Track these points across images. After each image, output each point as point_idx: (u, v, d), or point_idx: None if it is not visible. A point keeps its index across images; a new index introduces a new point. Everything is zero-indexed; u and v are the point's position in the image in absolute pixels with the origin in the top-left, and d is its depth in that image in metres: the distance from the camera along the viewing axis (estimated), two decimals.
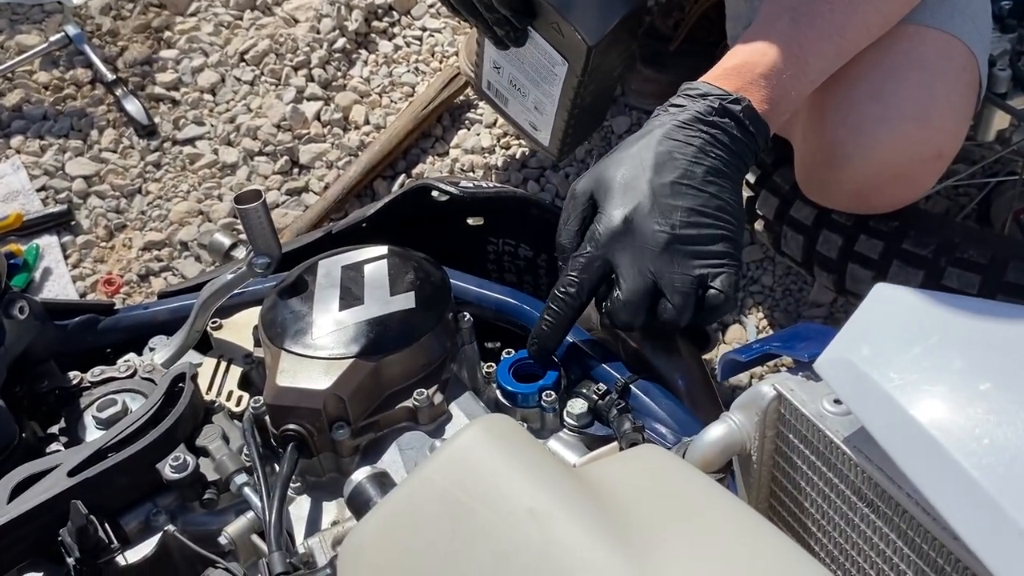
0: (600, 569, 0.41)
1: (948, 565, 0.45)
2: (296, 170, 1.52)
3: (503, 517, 0.43)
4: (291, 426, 0.66)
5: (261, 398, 0.68)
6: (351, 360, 0.67)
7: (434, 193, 0.91)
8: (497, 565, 0.42)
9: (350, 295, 0.72)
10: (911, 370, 0.45)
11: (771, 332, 1.34)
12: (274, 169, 1.52)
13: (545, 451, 0.48)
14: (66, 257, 1.42)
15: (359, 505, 0.54)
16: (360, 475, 0.55)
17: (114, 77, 1.60)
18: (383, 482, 0.55)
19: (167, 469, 0.66)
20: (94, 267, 1.42)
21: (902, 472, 0.44)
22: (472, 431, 0.47)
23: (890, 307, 0.49)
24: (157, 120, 1.58)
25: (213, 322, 0.81)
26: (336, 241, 0.92)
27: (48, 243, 1.43)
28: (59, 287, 1.38)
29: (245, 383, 0.78)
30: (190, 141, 1.56)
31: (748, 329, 1.35)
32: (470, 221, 0.95)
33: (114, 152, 1.55)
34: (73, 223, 1.46)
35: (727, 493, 0.47)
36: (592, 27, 1.00)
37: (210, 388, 0.77)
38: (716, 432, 0.57)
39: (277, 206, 1.47)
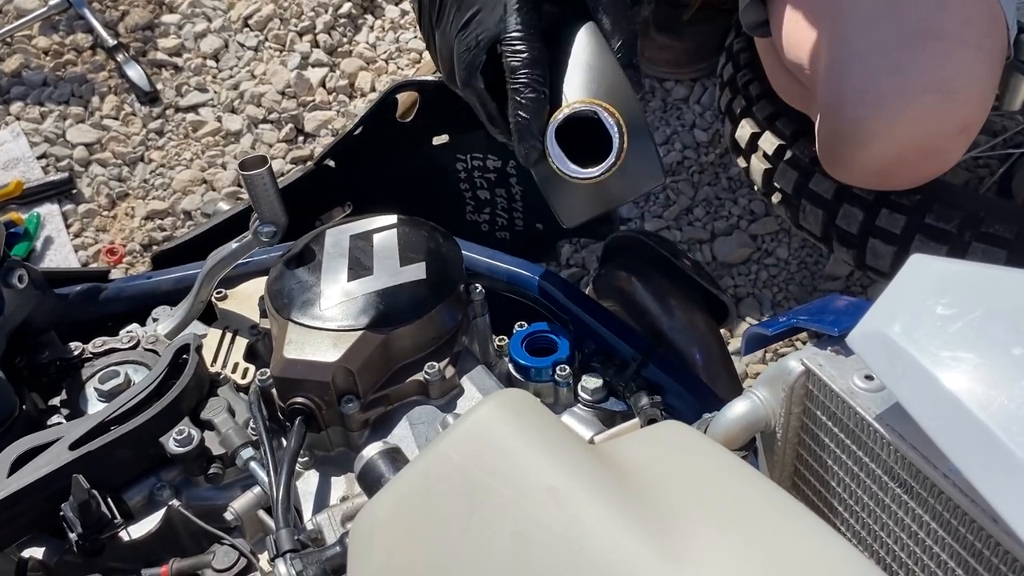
0: (625, 551, 0.39)
1: (987, 549, 0.43)
2: (301, 138, 1.50)
3: (522, 495, 0.42)
4: (299, 399, 0.65)
5: (268, 370, 0.67)
6: (360, 332, 0.65)
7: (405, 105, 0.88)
8: (516, 545, 0.41)
9: (359, 265, 0.70)
10: (952, 345, 0.43)
11: (786, 306, 1.33)
12: (279, 137, 1.49)
13: (564, 427, 0.46)
14: (67, 226, 1.40)
15: (371, 482, 0.53)
16: (371, 451, 0.54)
17: (115, 42, 1.57)
18: (395, 458, 0.54)
19: (171, 443, 0.65)
20: (96, 236, 1.40)
21: (940, 451, 0.42)
22: (489, 405, 0.45)
23: (928, 278, 0.46)
24: (159, 87, 1.55)
25: (218, 292, 0.80)
26: (322, 172, 0.91)
27: (49, 212, 1.41)
28: (60, 256, 1.37)
29: (250, 355, 0.76)
30: (193, 108, 1.54)
31: (763, 303, 1.33)
32: (435, 141, 0.93)
33: (116, 119, 1.52)
34: (74, 191, 1.44)
35: (755, 472, 0.45)
36: None
37: (215, 360, 0.75)
38: (740, 408, 0.55)
39: (282, 175, 1.45)
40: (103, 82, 1.56)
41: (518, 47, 0.62)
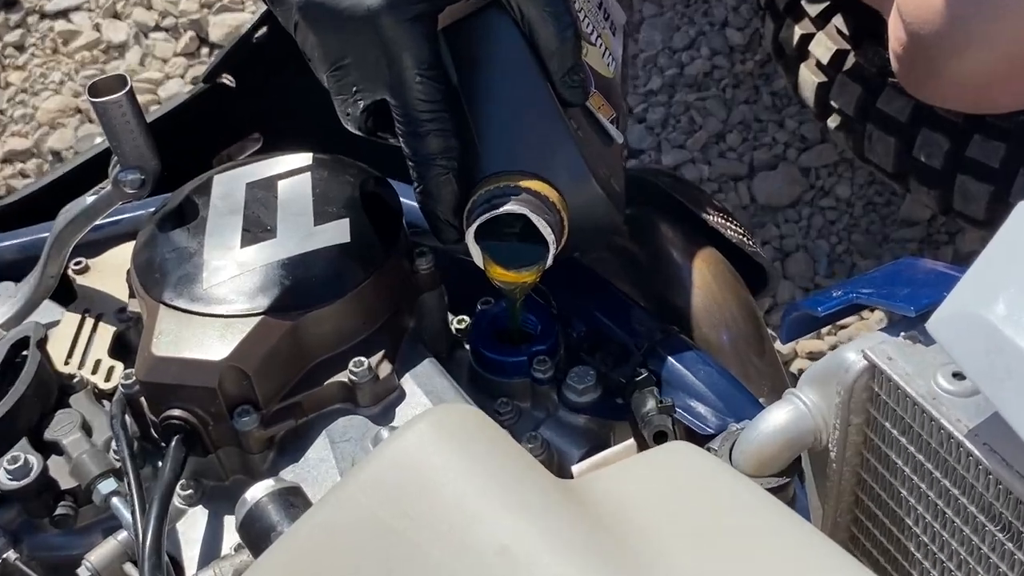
0: None
1: None
2: (205, 50, 1.47)
3: (463, 560, 0.39)
4: (175, 412, 0.61)
5: (134, 372, 0.63)
6: (258, 318, 0.62)
7: None
8: None
9: (258, 225, 0.67)
10: None
11: (848, 261, 1.31)
12: (176, 49, 1.46)
13: (526, 459, 0.42)
14: None
15: (255, 536, 0.49)
16: (259, 492, 0.50)
17: None
18: (292, 502, 0.50)
19: (1, 475, 0.61)
20: None
21: None
22: (417, 431, 0.42)
23: None
24: None
25: (76, 263, 0.76)
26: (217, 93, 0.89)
27: None
28: None
29: (119, 348, 0.72)
30: (63, 14, 1.50)
31: (818, 259, 1.31)
32: None
33: None
34: None
35: (795, 517, 0.42)
36: None
37: (70, 356, 0.71)
38: (779, 417, 0.52)
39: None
40: None
41: (415, 130, 0.59)
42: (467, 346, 0.71)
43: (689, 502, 0.42)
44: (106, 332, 0.73)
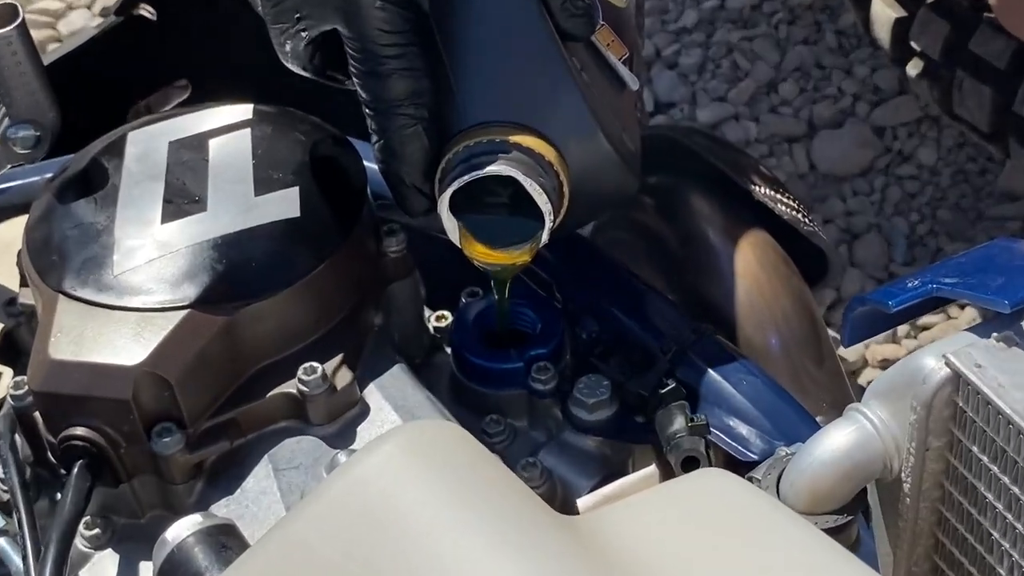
0: None
1: None
2: None
3: None
4: (78, 431, 0.61)
5: (25, 380, 0.64)
6: (184, 312, 0.63)
7: None
8: None
9: (183, 195, 0.68)
10: None
11: (932, 245, 1.31)
12: None
13: (520, 489, 0.44)
14: None
15: None
16: (182, 530, 0.51)
17: None
18: (224, 543, 0.51)
19: None
20: None
21: None
22: (383, 454, 0.43)
23: None
24: None
25: None
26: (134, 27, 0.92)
27: None
28: None
29: (8, 349, 0.74)
30: None
31: (894, 241, 1.32)
32: None
33: None
34: None
35: (858, 566, 0.43)
36: None
37: None
38: (839, 440, 0.53)
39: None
40: None
41: (374, 68, 0.59)
42: (448, 349, 0.72)
43: (724, 544, 0.43)
44: None
